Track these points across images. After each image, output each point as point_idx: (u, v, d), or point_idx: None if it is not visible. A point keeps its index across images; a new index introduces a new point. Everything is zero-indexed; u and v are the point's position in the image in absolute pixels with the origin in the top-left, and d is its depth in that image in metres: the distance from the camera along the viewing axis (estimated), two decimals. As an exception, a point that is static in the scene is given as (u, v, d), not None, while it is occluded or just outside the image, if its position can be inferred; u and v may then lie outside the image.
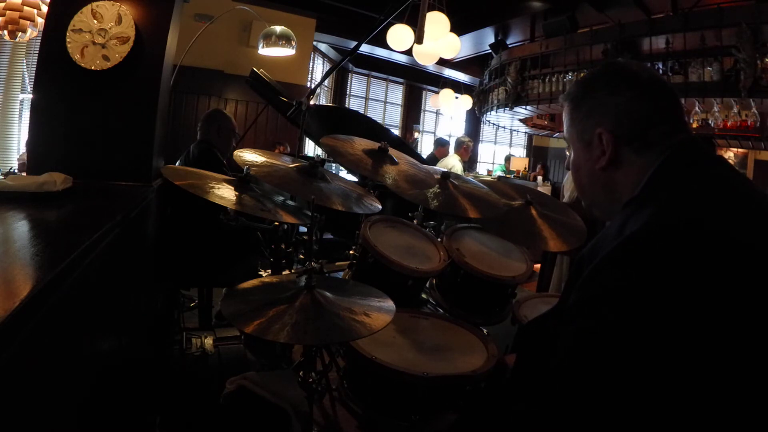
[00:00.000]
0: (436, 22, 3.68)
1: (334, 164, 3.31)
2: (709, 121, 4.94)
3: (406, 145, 4.17)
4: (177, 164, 2.59)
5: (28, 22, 2.93)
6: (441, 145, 5.77)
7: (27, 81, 4.35)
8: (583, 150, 0.84)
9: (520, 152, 10.90)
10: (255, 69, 2.77)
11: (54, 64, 1.64)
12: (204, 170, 1.55)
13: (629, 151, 0.78)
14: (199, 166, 1.89)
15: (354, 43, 5.69)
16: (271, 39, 3.80)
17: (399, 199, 1.53)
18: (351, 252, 1.50)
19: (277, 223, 1.73)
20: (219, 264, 2.33)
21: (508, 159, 9.71)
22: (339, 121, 2.67)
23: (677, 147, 0.75)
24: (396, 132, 8.73)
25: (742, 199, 0.69)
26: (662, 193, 0.71)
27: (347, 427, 1.11)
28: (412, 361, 1.11)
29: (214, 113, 2.77)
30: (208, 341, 2.18)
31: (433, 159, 5.45)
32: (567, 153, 0.93)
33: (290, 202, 1.55)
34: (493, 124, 9.00)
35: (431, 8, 3.72)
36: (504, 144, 11.12)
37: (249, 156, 1.49)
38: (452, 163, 5.00)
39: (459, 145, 5.30)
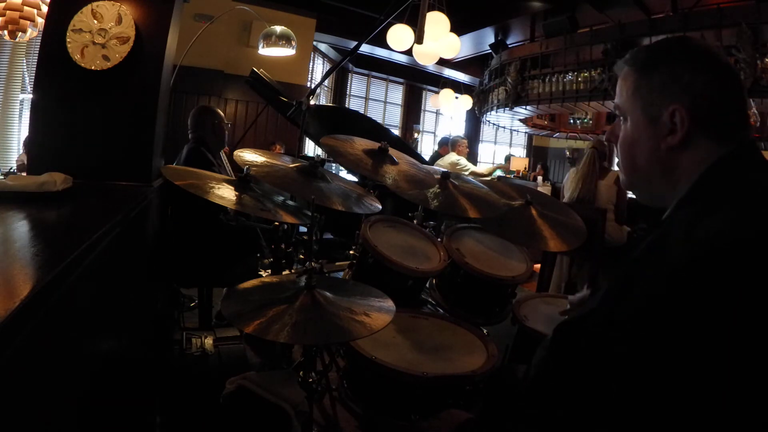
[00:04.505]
0: (436, 22, 3.68)
1: (334, 164, 3.32)
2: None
3: (406, 145, 4.18)
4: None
5: (28, 22, 2.93)
6: (445, 143, 5.79)
7: (27, 81, 4.36)
8: (646, 124, 0.76)
9: (520, 152, 10.91)
10: (255, 69, 2.77)
11: (54, 64, 1.64)
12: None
13: (700, 135, 0.72)
14: (187, 166, 1.88)
15: (354, 43, 5.69)
16: (271, 39, 3.80)
17: (399, 199, 1.53)
18: (351, 252, 1.50)
19: (277, 223, 1.73)
20: (219, 264, 2.33)
21: (508, 159, 9.71)
22: (339, 121, 2.67)
23: (745, 144, 0.72)
24: (396, 132, 8.73)
25: None
26: (736, 193, 0.67)
27: (347, 427, 1.11)
28: (411, 361, 1.11)
29: (204, 111, 2.72)
30: (208, 341, 2.18)
31: (438, 157, 5.50)
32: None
33: (290, 202, 1.55)
34: (493, 124, 9.01)
35: (431, 8, 3.72)
36: (504, 144, 11.13)
37: (249, 156, 1.49)
38: (455, 158, 5.04)
39: (454, 144, 5.33)
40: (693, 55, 0.75)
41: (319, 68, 7.66)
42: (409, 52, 4.28)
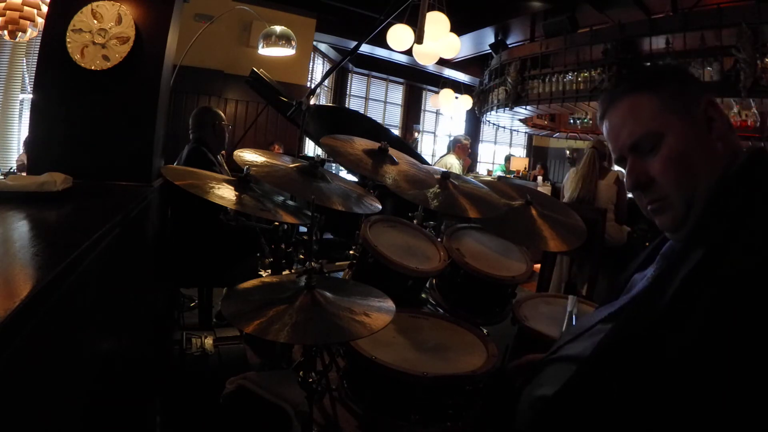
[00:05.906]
0: (436, 22, 3.68)
1: (334, 164, 3.32)
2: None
3: (406, 145, 4.18)
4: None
5: (28, 22, 2.93)
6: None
7: (27, 81, 4.36)
8: (691, 127, 0.74)
9: (520, 152, 10.90)
10: (255, 69, 2.77)
11: (54, 64, 1.64)
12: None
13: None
14: (187, 166, 1.89)
15: (354, 43, 5.69)
16: (271, 39, 3.80)
17: (399, 199, 1.53)
18: (351, 252, 1.50)
19: (277, 223, 1.73)
20: (219, 264, 2.33)
21: (508, 159, 9.71)
22: (339, 121, 2.67)
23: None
24: (396, 132, 8.73)
25: None
26: None
27: (347, 427, 1.11)
28: (411, 361, 1.11)
29: (205, 111, 2.73)
30: (208, 341, 2.19)
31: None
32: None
33: (290, 202, 1.55)
34: (493, 124, 9.00)
35: (431, 8, 3.72)
36: (504, 144, 11.13)
37: (249, 156, 1.49)
38: (450, 161, 5.03)
39: (455, 143, 5.30)
40: (666, 64, 0.79)
41: (319, 68, 7.66)
42: (409, 52, 4.28)
